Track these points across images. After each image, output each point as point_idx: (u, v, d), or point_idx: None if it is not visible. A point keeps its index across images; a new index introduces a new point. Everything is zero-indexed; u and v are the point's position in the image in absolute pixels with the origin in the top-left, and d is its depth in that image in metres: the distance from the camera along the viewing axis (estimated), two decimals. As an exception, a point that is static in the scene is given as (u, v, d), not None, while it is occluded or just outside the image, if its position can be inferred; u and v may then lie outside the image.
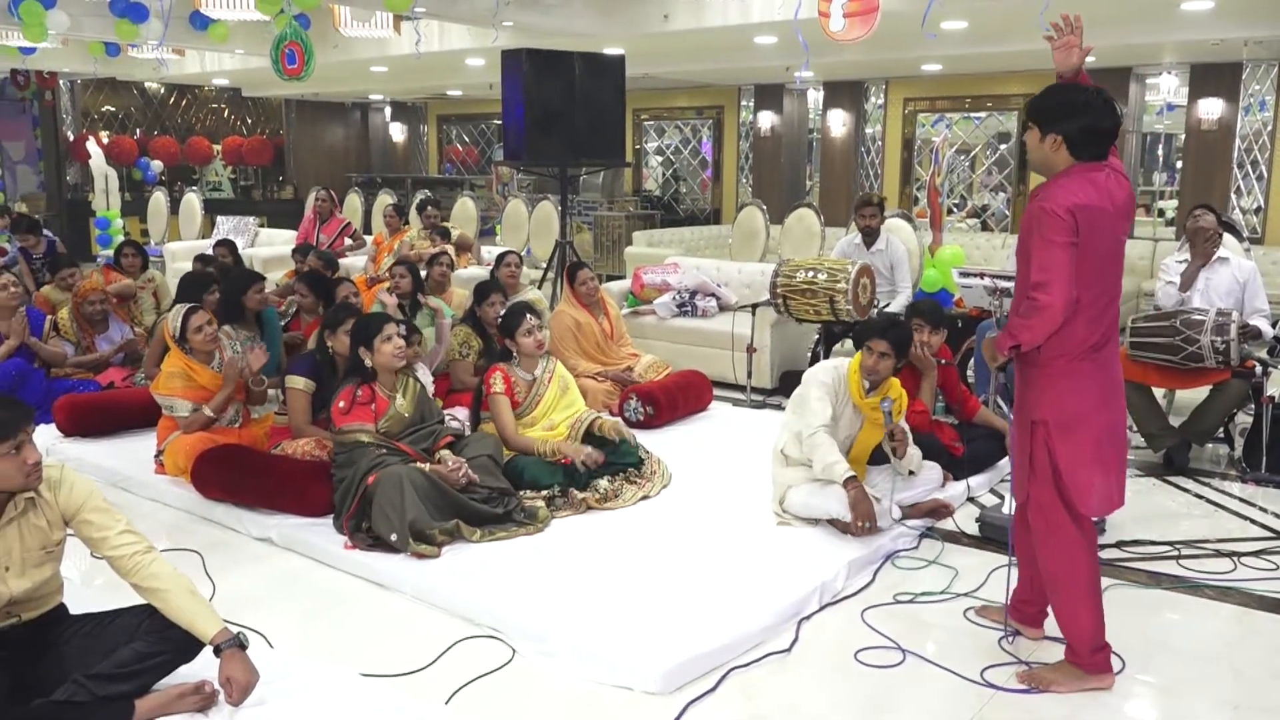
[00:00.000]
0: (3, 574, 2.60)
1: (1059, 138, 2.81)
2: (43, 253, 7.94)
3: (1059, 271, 2.72)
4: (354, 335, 4.15)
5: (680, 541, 3.94)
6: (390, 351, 4.07)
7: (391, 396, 4.13)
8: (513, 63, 7.47)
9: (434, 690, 2.93)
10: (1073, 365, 2.84)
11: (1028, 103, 2.99)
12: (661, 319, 7.07)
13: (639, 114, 14.34)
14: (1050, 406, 2.88)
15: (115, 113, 15.56)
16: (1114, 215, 2.80)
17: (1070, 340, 2.82)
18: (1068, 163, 2.82)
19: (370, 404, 4.06)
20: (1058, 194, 2.75)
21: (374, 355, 4.08)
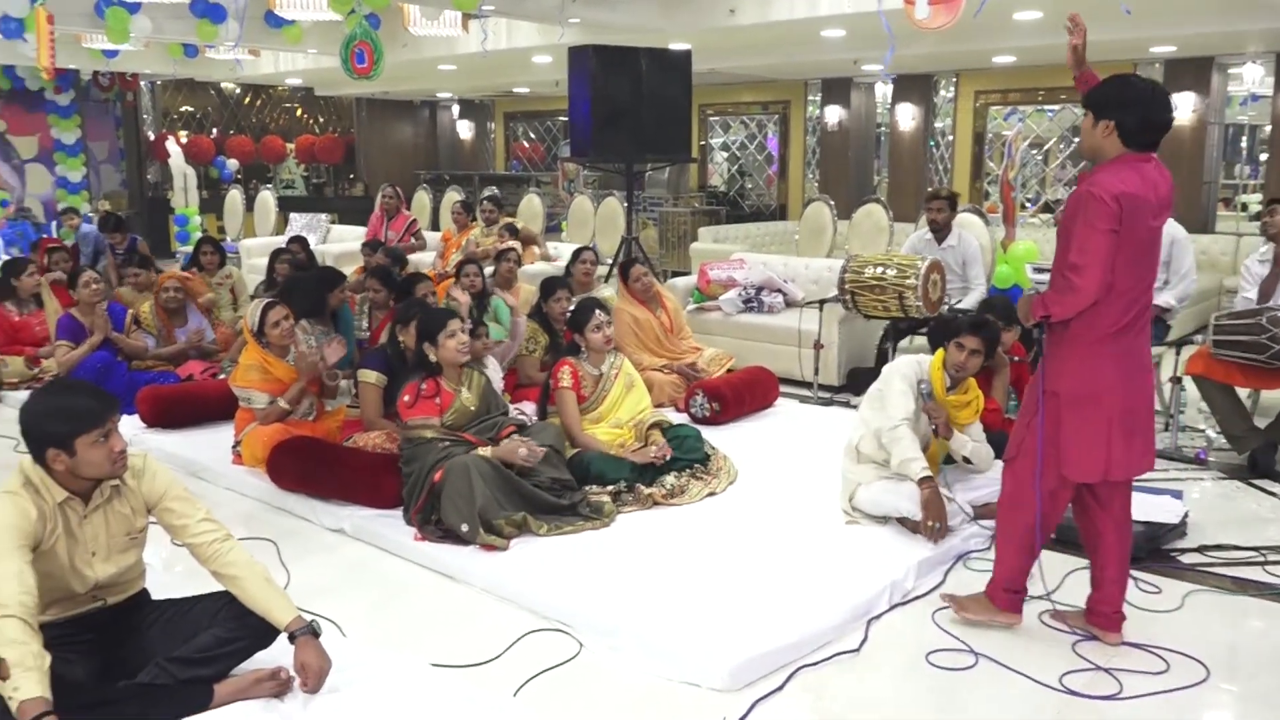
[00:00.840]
0: (89, 559, 2.68)
1: (1111, 124, 2.90)
2: (125, 248, 8.18)
3: (1096, 256, 2.82)
4: (419, 331, 4.20)
5: (747, 538, 3.93)
6: (454, 347, 4.11)
7: (456, 390, 4.17)
8: (579, 59, 7.50)
9: (502, 682, 2.96)
10: (1096, 345, 2.94)
11: (1086, 93, 3.09)
12: (727, 315, 7.05)
13: (704, 109, 14.30)
14: (1067, 380, 2.99)
15: (193, 113, 15.97)
16: (1156, 206, 2.90)
17: (1100, 321, 2.91)
18: (1117, 150, 2.91)
19: (435, 398, 4.10)
20: (1106, 180, 2.84)
21: (438, 350, 4.12)
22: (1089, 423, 2.98)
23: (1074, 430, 3.00)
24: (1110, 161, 2.91)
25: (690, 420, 5.43)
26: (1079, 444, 3.01)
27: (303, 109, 17.12)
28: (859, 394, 4.71)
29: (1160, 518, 3.97)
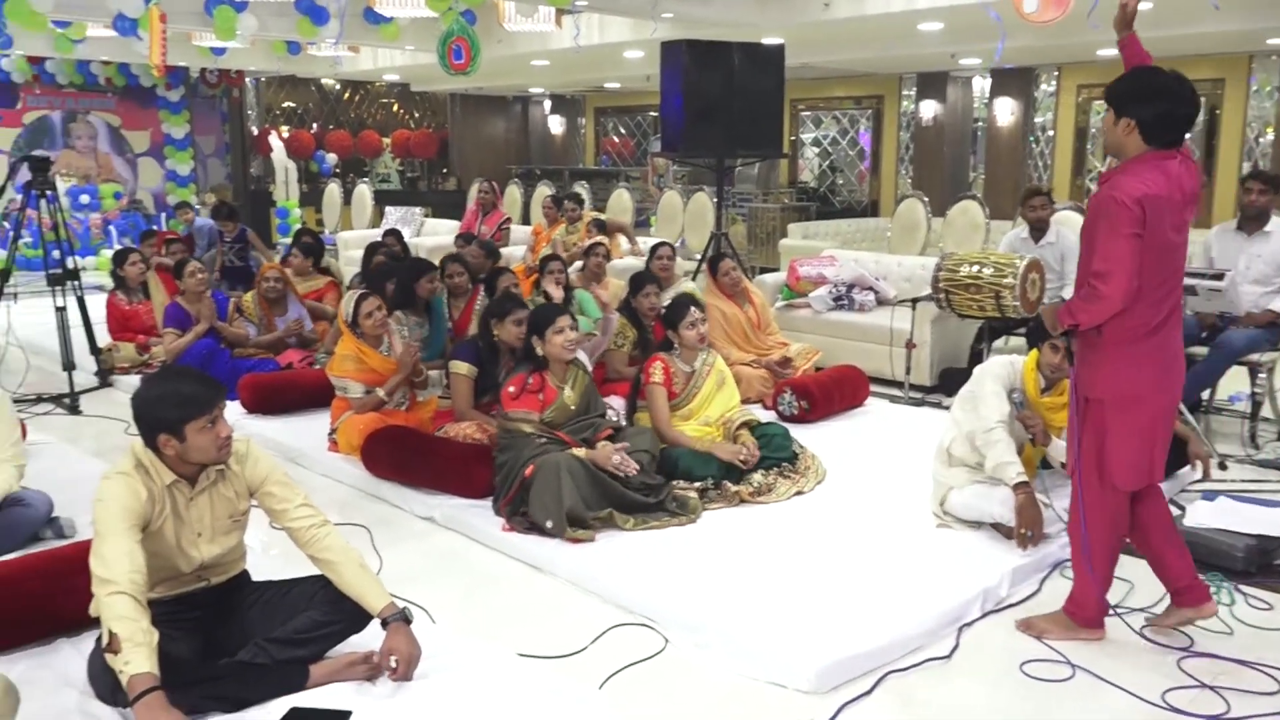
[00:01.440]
0: (194, 540, 2.77)
1: (1132, 122, 2.83)
2: (234, 237, 8.46)
3: (1122, 263, 2.76)
4: (529, 324, 4.23)
5: (835, 539, 3.88)
6: (561, 343, 4.13)
7: (560, 387, 4.20)
8: (672, 54, 7.48)
9: (588, 674, 2.97)
10: (1133, 346, 2.89)
11: (1107, 85, 2.99)
12: (817, 312, 6.97)
13: (796, 104, 14.16)
14: (1107, 385, 2.94)
15: (294, 108, 16.43)
16: (1181, 204, 2.84)
17: (1131, 322, 2.86)
18: (1140, 148, 2.84)
19: (539, 393, 4.13)
20: (1128, 183, 2.78)
21: (545, 345, 4.14)
22: (1135, 427, 2.94)
23: (1120, 436, 2.95)
24: (1132, 161, 2.84)
25: (778, 418, 5.39)
26: (1126, 450, 2.95)
27: (399, 104, 17.47)
28: (951, 395, 4.60)
29: (1273, 531, 3.79)
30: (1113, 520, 3.09)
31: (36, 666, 2.89)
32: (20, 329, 6.56)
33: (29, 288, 7.71)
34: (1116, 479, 2.99)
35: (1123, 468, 2.97)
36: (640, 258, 8.87)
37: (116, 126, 13.81)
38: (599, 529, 3.86)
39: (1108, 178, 2.86)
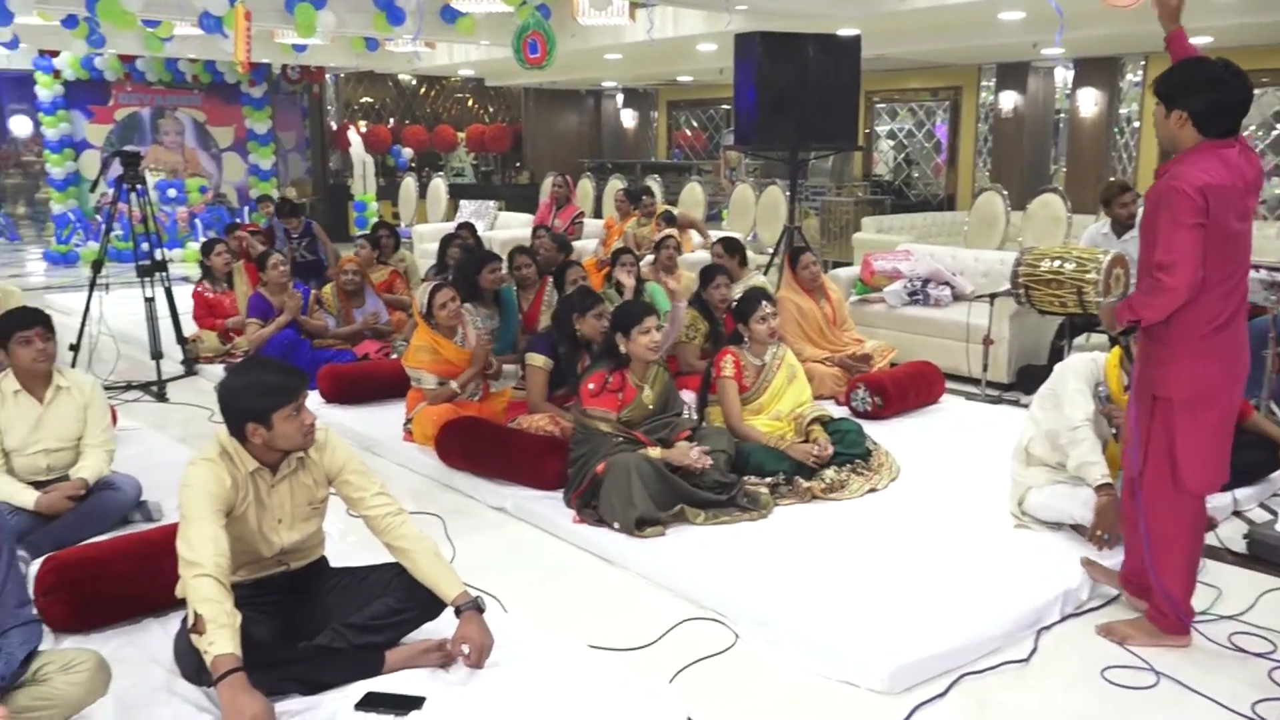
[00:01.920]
0: (276, 525, 2.84)
1: (1184, 114, 2.79)
2: (300, 232, 8.65)
3: (1185, 254, 2.71)
4: (614, 321, 4.23)
5: (909, 537, 3.82)
6: (645, 344, 4.10)
7: (640, 386, 4.18)
8: (746, 46, 7.43)
9: (658, 667, 2.97)
10: (1201, 343, 2.82)
11: (1155, 80, 2.93)
12: (891, 307, 6.87)
13: (871, 96, 13.97)
14: (1176, 384, 2.87)
15: (372, 103, 16.71)
16: (1243, 192, 2.79)
17: (1197, 317, 2.80)
18: (1194, 140, 2.80)
19: (618, 392, 4.13)
20: (1187, 172, 2.73)
21: (629, 344, 4.12)
22: (1206, 426, 2.88)
23: (1192, 437, 2.88)
24: (1189, 151, 2.79)
25: (851, 414, 5.33)
26: (1200, 452, 2.88)
27: (473, 99, 17.66)
28: (1030, 393, 4.49)
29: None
30: (1191, 525, 3.01)
31: (125, 645, 2.99)
32: (111, 319, 6.77)
33: (119, 279, 7.98)
34: (1190, 483, 2.92)
35: (1196, 470, 2.90)
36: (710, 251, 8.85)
37: (202, 122, 14.20)
38: (670, 524, 3.86)
39: (1166, 169, 2.81)
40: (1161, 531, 3.01)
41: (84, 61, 12.92)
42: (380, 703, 2.64)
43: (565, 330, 4.78)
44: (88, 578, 3.11)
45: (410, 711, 2.62)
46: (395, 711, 2.62)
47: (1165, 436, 2.91)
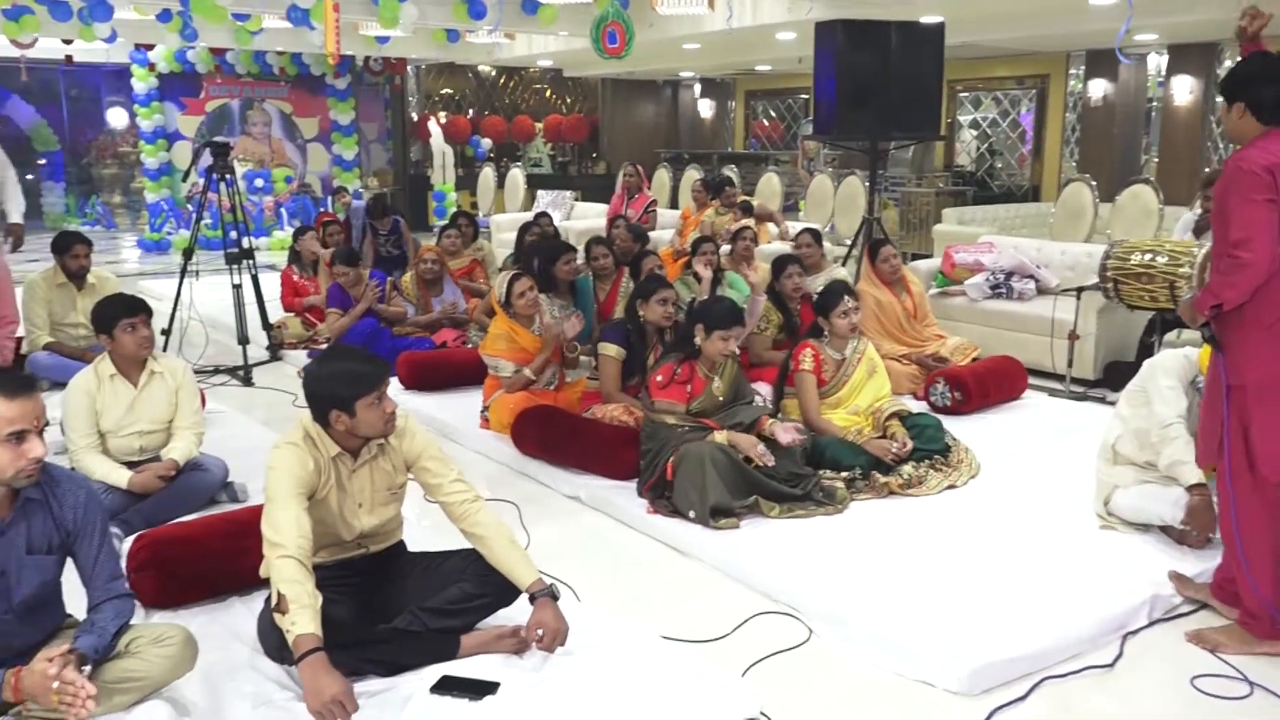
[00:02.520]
0: (356, 510, 2.89)
1: (1244, 105, 2.85)
2: (388, 230, 8.79)
3: (1260, 228, 2.74)
4: (698, 313, 4.19)
5: (989, 535, 3.74)
6: (721, 348, 4.07)
7: (709, 378, 4.16)
8: (826, 34, 7.33)
9: (731, 660, 2.96)
10: (1273, 328, 2.82)
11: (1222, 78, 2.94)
12: (972, 300, 6.72)
13: (953, 85, 13.66)
14: (1251, 370, 2.87)
15: (452, 94, 16.91)
16: None
17: (1269, 301, 2.81)
18: (1257, 130, 2.85)
19: (687, 384, 4.11)
20: (1253, 154, 2.79)
21: (706, 341, 4.08)
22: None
23: (1267, 424, 2.85)
24: (1256, 138, 2.84)
25: (930, 409, 5.22)
26: (1275, 438, 2.83)
27: (551, 90, 17.75)
28: (1117, 390, 4.36)
29: None
30: (1272, 518, 2.92)
31: (211, 622, 3.08)
32: (201, 304, 6.97)
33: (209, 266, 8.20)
34: (1267, 470, 2.87)
35: (1273, 457, 2.85)
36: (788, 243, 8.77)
37: (288, 113, 14.53)
38: (744, 516, 3.83)
39: (1234, 155, 2.83)
40: (1250, 528, 2.92)
41: (177, 55, 13.32)
42: (456, 686, 2.68)
43: (635, 318, 4.78)
44: (177, 556, 3.21)
45: (485, 696, 2.65)
46: (470, 695, 2.65)
47: (1240, 425, 2.90)
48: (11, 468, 2.31)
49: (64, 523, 2.47)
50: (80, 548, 2.50)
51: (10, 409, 2.30)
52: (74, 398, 3.91)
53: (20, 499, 2.42)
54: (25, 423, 2.32)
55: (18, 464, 2.31)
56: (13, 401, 2.31)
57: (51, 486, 2.48)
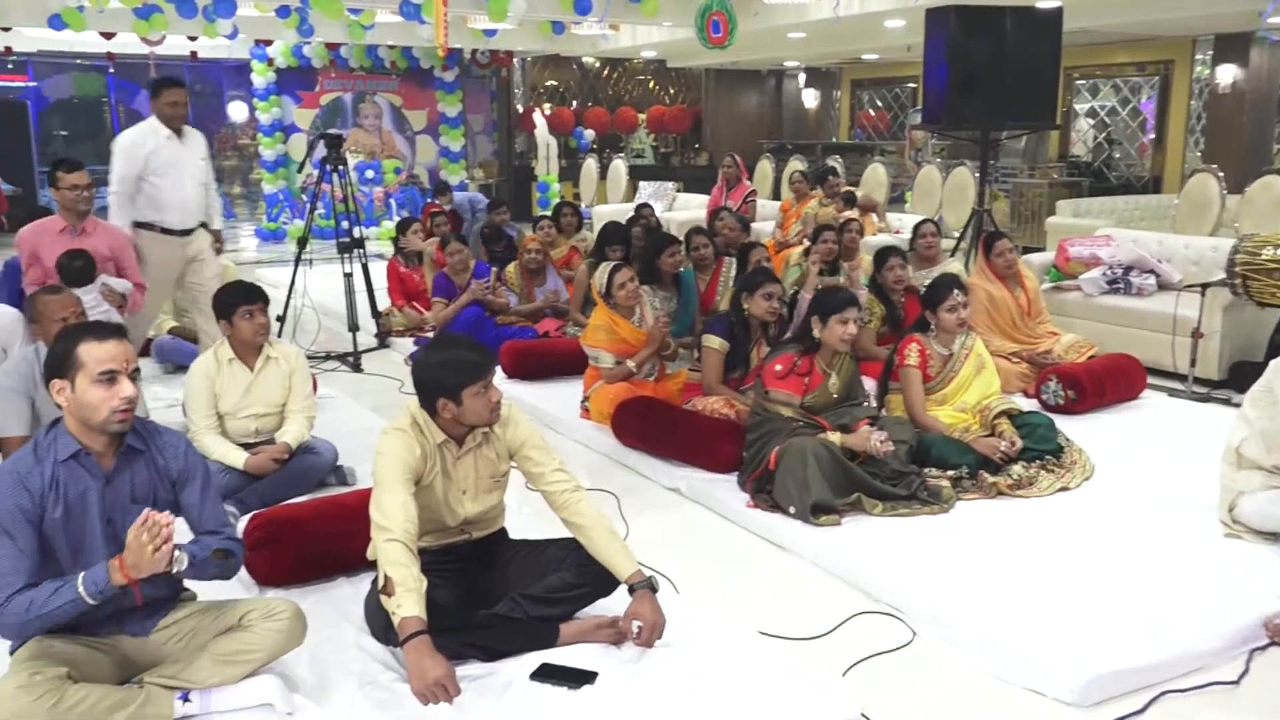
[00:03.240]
0: (460, 496, 2.94)
1: None
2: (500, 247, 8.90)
3: None
4: (813, 305, 4.15)
5: (1103, 540, 3.60)
6: (841, 334, 4.02)
7: (827, 373, 4.11)
8: (938, 21, 7.15)
9: (830, 660, 2.91)
10: None
11: None
12: (1088, 295, 6.48)
13: (1069, 72, 13.17)
14: None
15: (557, 86, 17.05)
16: None
17: None
18: None
19: (805, 376, 4.07)
20: None
21: (825, 331, 4.04)
22: None
23: None
24: None
25: (1041, 408, 5.05)
26: None
27: (655, 81, 17.75)
28: (1242, 391, 4.14)
29: None
30: None
31: (320, 602, 3.16)
32: (314, 292, 7.20)
33: (321, 255, 8.46)
34: None
35: None
36: (889, 235, 8.60)
37: (398, 106, 14.86)
38: (846, 513, 3.77)
39: None
40: None
41: (294, 50, 13.74)
42: (554, 674, 2.70)
43: (740, 311, 4.75)
44: (289, 535, 3.32)
45: (583, 685, 2.66)
46: (569, 684, 2.67)
47: None
48: (105, 407, 2.42)
49: (168, 472, 2.57)
50: (185, 496, 2.60)
51: (103, 350, 2.43)
52: (195, 380, 4.08)
53: (123, 447, 2.52)
54: (116, 364, 2.43)
55: (110, 403, 2.42)
56: (104, 343, 2.44)
57: (152, 438, 2.60)
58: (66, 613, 2.35)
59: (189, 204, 5.46)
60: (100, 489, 2.48)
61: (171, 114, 5.33)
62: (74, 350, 2.43)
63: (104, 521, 2.47)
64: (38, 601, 2.32)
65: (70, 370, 2.42)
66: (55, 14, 9.10)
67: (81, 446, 2.47)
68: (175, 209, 5.40)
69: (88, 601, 2.34)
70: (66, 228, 4.95)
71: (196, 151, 5.51)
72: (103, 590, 2.34)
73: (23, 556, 2.36)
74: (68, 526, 2.45)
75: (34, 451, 2.47)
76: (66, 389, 2.43)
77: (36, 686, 2.31)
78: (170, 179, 5.35)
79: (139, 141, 5.31)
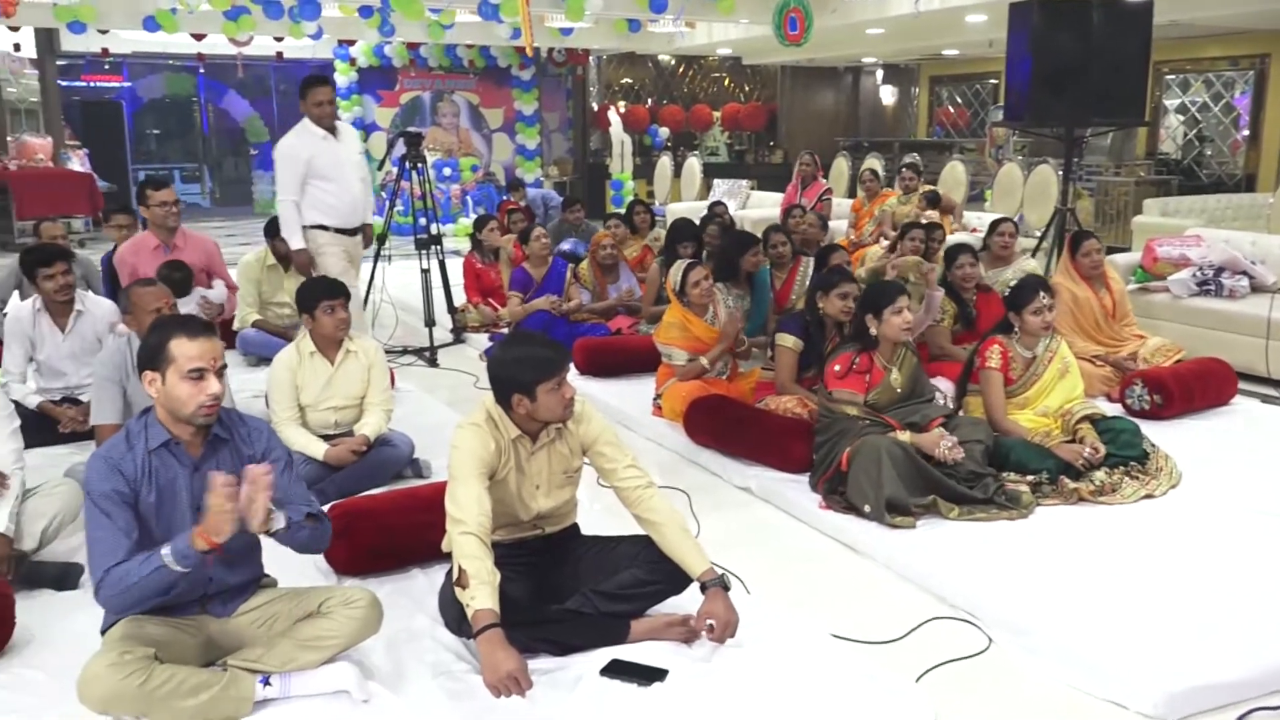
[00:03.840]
0: (533, 491, 2.96)
1: None
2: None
3: None
4: (863, 301, 4.13)
5: (1190, 550, 3.49)
6: (898, 324, 3.98)
7: (887, 369, 4.07)
8: (1021, 15, 6.99)
9: (904, 664, 2.87)
10: None
11: None
12: (1176, 297, 6.29)
13: (1159, 67, 12.76)
14: None
15: (631, 84, 17.08)
16: None
17: None
18: None
19: (865, 374, 4.03)
20: None
21: (880, 325, 4.02)
22: None
23: None
24: None
25: (1126, 413, 4.91)
26: None
27: (729, 78, 17.67)
28: (1344, 399, 3.99)
29: None
30: None
31: (395, 592, 3.21)
32: (392, 288, 7.33)
33: (399, 251, 8.60)
34: None
35: None
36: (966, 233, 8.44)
37: (475, 104, 15.04)
38: (920, 515, 3.72)
39: None
40: None
41: (375, 49, 14.00)
42: (625, 671, 2.71)
43: (815, 310, 4.71)
44: (366, 526, 3.38)
45: (654, 682, 2.67)
46: (639, 681, 2.67)
47: None
48: (192, 402, 2.50)
49: (254, 458, 2.63)
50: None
51: (193, 348, 2.51)
52: (277, 372, 4.18)
53: (209, 437, 2.61)
54: (205, 361, 2.51)
55: (198, 399, 2.50)
56: (194, 341, 2.52)
57: (236, 426, 2.68)
58: (156, 582, 2.40)
59: (356, 202, 5.49)
60: (189, 476, 2.57)
61: (321, 113, 5.31)
62: (166, 344, 2.51)
63: (193, 509, 2.55)
64: (131, 572, 2.40)
65: (162, 363, 2.51)
66: (150, 16, 9.41)
67: (171, 435, 2.56)
68: (343, 209, 5.42)
69: (173, 568, 2.39)
70: (160, 245, 5.11)
71: (353, 148, 5.53)
72: (186, 556, 2.39)
73: (121, 535, 2.45)
74: (160, 511, 2.54)
75: (126, 439, 2.56)
76: (158, 381, 2.52)
77: (126, 665, 2.39)
78: (335, 180, 5.35)
79: (297, 146, 5.31)
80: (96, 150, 14.33)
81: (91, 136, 14.75)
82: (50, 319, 4.73)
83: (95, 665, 2.42)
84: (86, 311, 4.78)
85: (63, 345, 4.74)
